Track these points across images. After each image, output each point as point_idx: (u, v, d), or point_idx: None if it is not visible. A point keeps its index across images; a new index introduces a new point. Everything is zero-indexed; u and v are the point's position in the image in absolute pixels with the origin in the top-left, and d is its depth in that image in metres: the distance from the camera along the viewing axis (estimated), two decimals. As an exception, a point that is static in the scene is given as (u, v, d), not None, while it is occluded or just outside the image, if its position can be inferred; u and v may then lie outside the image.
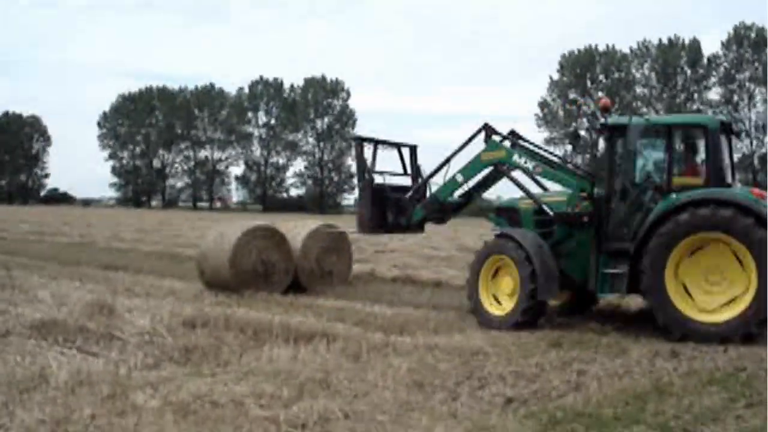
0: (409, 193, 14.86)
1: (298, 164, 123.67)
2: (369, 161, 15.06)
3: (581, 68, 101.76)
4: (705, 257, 11.46)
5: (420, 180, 14.99)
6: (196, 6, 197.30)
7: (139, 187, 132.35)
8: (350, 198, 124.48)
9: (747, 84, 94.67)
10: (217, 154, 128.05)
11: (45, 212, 75.97)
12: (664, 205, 11.73)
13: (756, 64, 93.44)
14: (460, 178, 14.13)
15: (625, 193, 12.55)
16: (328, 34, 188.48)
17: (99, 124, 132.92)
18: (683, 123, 13.17)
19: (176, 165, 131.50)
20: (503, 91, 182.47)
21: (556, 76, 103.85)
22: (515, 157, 13.61)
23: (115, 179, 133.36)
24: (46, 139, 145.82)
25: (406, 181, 15.53)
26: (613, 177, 12.56)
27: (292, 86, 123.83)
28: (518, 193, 13.85)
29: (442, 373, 8.97)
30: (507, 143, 13.99)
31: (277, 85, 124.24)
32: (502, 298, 12.74)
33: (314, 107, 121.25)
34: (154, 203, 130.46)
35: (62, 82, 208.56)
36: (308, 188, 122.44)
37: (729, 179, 12.34)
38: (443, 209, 14.51)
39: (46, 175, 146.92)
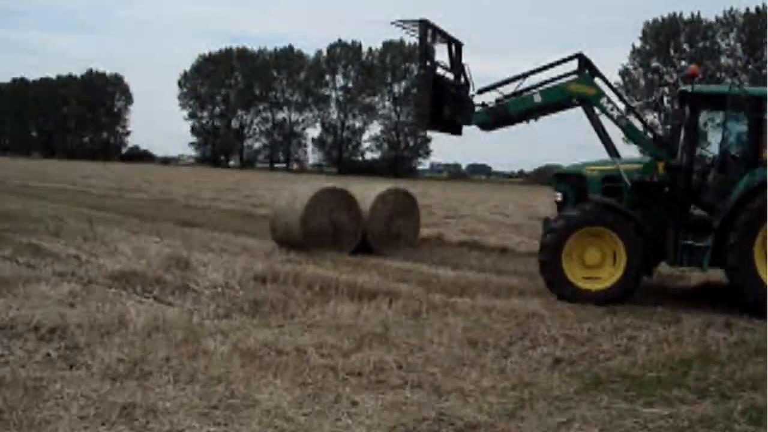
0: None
1: (375, 128, 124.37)
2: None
3: (665, 37, 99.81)
4: None
5: (465, 76, 13.90)
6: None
7: (217, 146, 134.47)
8: (425, 163, 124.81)
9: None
10: (294, 116, 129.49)
11: (126, 169, 77.94)
12: (751, 180, 11.55)
13: None
14: (538, 98, 13.37)
15: (710, 164, 12.51)
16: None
17: (179, 83, 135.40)
18: None
19: (254, 126, 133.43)
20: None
21: (638, 44, 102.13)
22: (603, 100, 13.04)
23: (194, 138, 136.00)
24: (128, 98, 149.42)
25: None
26: (694, 147, 12.41)
27: (370, 50, 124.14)
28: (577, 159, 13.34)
29: (496, 333, 9.37)
30: (598, 82, 13.42)
31: (356, 48, 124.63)
32: (583, 271, 12.13)
33: (392, 71, 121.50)
34: (232, 163, 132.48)
35: (145, 41, 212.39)
36: (384, 152, 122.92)
37: None
38: (506, 120, 13.76)
39: (128, 133, 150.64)
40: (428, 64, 13.54)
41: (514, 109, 13.49)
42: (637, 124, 13.29)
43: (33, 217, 21.87)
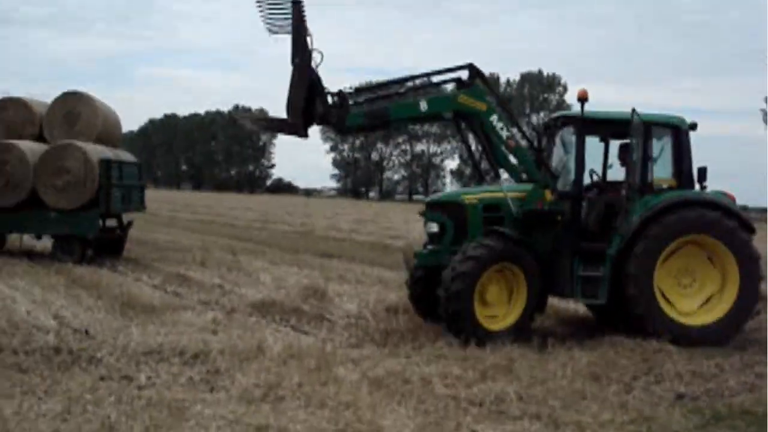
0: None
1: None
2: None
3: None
4: (675, 260, 11.42)
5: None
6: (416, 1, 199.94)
7: (358, 178, 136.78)
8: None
9: None
10: (432, 148, 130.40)
11: (270, 201, 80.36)
12: (646, 208, 11.31)
13: None
14: (424, 106, 12.58)
15: (600, 192, 12.34)
16: (541, 26, 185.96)
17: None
18: (657, 121, 11.96)
19: (393, 158, 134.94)
20: (728, 83, 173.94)
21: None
22: (493, 117, 12.19)
23: (335, 171, 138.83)
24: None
25: None
26: (582, 173, 11.90)
27: (508, 81, 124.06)
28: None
29: (620, 368, 9.46)
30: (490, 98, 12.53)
31: (493, 80, 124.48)
32: (483, 310, 11.08)
33: (530, 102, 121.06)
34: (371, 194, 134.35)
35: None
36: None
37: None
38: (383, 125, 13.03)
39: (272, 166, 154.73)
40: (306, 51, 11.73)
41: (395, 114, 12.52)
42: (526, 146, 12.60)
43: (181, 247, 23.14)
